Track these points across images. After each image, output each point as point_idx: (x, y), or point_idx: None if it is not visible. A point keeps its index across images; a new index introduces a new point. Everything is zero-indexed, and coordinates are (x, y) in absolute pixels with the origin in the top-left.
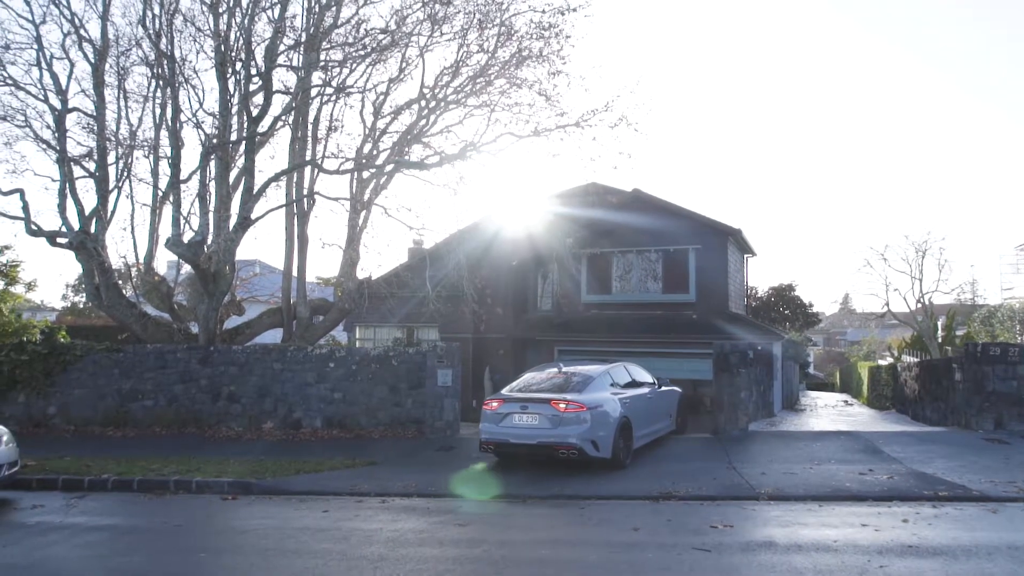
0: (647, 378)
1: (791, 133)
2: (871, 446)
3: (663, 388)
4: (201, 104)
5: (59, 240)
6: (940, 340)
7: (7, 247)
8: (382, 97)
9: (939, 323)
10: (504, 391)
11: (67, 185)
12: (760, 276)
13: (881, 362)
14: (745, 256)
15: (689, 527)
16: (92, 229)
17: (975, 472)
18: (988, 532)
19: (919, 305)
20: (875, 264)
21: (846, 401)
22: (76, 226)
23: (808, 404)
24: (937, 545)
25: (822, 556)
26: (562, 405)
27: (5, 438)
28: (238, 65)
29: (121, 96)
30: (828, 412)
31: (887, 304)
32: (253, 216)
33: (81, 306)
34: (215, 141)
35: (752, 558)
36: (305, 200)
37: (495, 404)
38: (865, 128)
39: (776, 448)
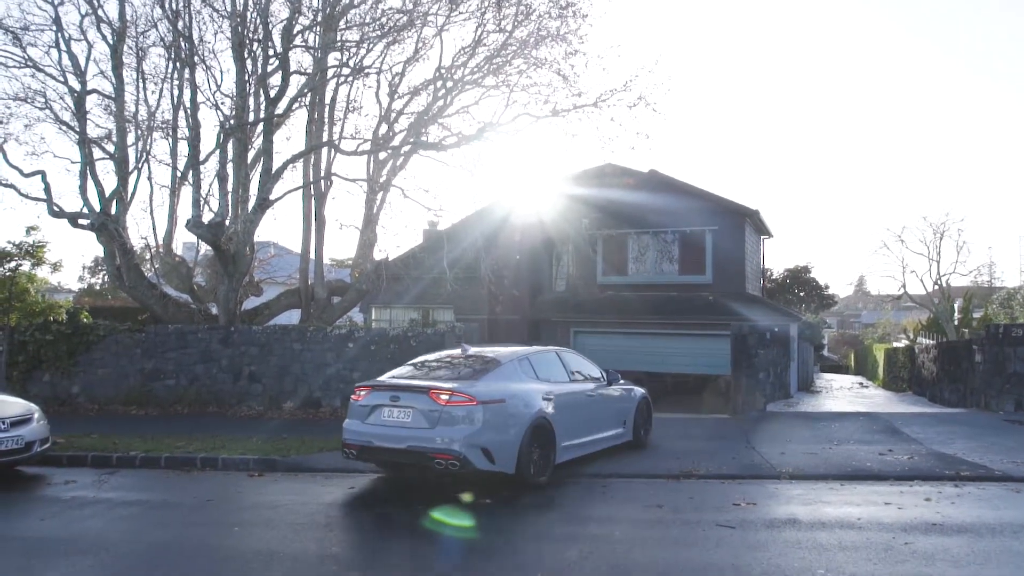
0: (591, 371)
1: (809, 113)
2: (890, 427)
3: (615, 386)
4: (219, 85)
5: (80, 221)
6: (957, 322)
7: (34, 228)
8: (399, 78)
9: (956, 305)
10: (383, 376)
11: (87, 167)
12: (776, 257)
13: (897, 344)
14: (762, 237)
15: (712, 504)
16: (113, 210)
17: (996, 453)
18: (1012, 511)
19: (936, 287)
20: (892, 246)
21: (861, 383)
22: (97, 207)
23: (824, 386)
24: (961, 523)
25: (846, 533)
26: (444, 396)
27: (36, 415)
28: (255, 46)
29: (139, 77)
30: (844, 394)
31: (904, 286)
32: (271, 197)
33: (98, 287)
34: (233, 122)
35: (777, 535)
36: (322, 181)
37: (362, 393)
38: (884, 108)
39: (795, 428)
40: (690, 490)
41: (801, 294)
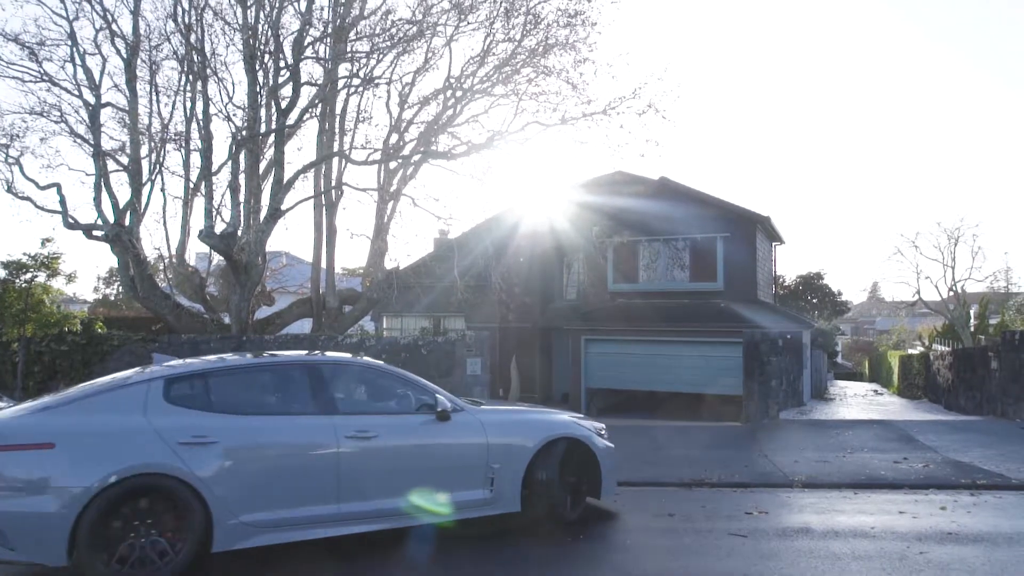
0: (402, 395)
1: (821, 119)
2: (905, 435)
3: (462, 417)
4: (231, 97)
5: (95, 233)
6: (973, 329)
7: (49, 240)
8: (408, 88)
9: (972, 311)
10: None
11: (102, 179)
12: (788, 264)
13: (912, 351)
14: (773, 244)
15: (724, 513)
16: (127, 222)
17: (1013, 461)
18: None
19: (951, 293)
20: (906, 252)
21: (876, 390)
22: (111, 219)
23: (837, 393)
24: (977, 532)
25: (860, 542)
26: None
27: None
28: (266, 58)
29: (153, 90)
30: (858, 401)
31: (918, 292)
32: (283, 207)
33: (113, 298)
34: (245, 134)
35: (789, 544)
36: (333, 191)
37: None
38: (897, 113)
39: (808, 436)
40: (702, 498)
41: (814, 301)
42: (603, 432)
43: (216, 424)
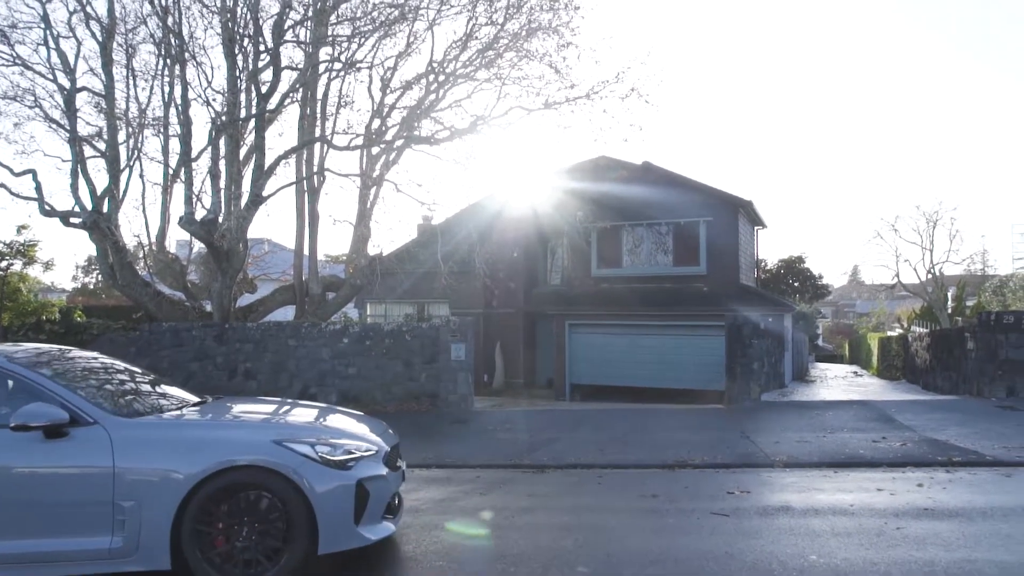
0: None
1: (802, 102)
2: (883, 414)
3: (91, 430)
4: (210, 82)
5: (72, 220)
6: (950, 311)
7: (25, 227)
8: (391, 72)
9: (949, 294)
10: None
11: (79, 165)
12: (770, 248)
13: (891, 333)
14: (755, 228)
15: (706, 493)
16: (105, 209)
17: (988, 438)
18: (1002, 495)
19: (929, 276)
20: (885, 235)
21: (856, 372)
22: (89, 206)
23: (818, 375)
24: (952, 508)
25: (839, 519)
26: None
27: None
28: (246, 42)
29: (130, 75)
30: (839, 383)
31: (897, 275)
32: (264, 193)
33: (92, 286)
34: (225, 119)
35: (770, 522)
36: (315, 177)
37: None
38: (876, 96)
39: (789, 417)
40: (685, 480)
41: (795, 284)
42: (356, 452)
43: None
